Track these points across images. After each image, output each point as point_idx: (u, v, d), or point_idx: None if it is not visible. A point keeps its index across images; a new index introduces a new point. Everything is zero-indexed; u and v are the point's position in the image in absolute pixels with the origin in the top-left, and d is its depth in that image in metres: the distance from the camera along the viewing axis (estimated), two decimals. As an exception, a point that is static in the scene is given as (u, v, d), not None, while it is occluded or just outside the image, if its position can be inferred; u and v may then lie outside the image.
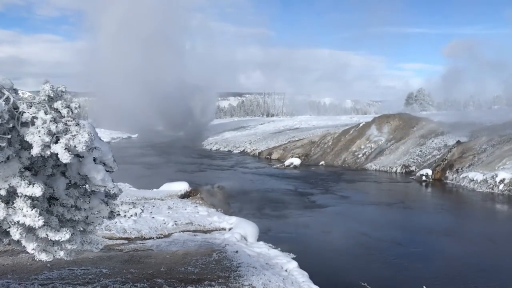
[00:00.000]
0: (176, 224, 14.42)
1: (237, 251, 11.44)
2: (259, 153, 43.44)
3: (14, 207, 4.42)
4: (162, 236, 13.30)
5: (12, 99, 4.35)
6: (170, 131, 71.51)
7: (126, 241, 12.40)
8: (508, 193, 22.90)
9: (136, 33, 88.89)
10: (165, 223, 14.40)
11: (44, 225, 4.52)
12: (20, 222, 4.42)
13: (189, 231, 13.94)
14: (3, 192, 4.39)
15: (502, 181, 23.70)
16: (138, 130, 73.17)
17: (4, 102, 4.23)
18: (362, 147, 37.33)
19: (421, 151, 33.01)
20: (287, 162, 36.19)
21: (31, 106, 4.43)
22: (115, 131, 70.79)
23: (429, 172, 28.58)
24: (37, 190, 4.34)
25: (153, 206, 16.32)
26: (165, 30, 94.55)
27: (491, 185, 24.03)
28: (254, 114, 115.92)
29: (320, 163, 37.06)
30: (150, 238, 12.93)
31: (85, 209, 5.17)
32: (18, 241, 4.82)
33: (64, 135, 4.34)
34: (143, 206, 15.51)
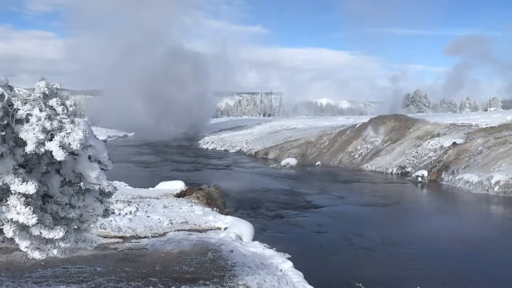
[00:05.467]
0: (171, 223, 14.39)
1: (232, 251, 11.44)
2: (256, 152, 43.40)
3: (8, 204, 4.40)
4: (157, 235, 13.26)
5: (6, 96, 4.33)
6: (166, 130, 71.46)
7: (121, 240, 12.36)
8: (503, 195, 23.00)
9: (131, 29, 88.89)
10: (160, 222, 14.37)
11: (37, 223, 4.50)
12: (13, 220, 4.40)
13: (184, 230, 13.91)
14: (-4, 189, 4.36)
15: (497, 183, 23.80)
16: (135, 129, 73.00)
17: (-2, 99, 4.21)
18: (358, 147, 37.39)
19: (417, 152, 33.08)
20: (283, 162, 36.20)
21: (25, 103, 4.40)
22: (111, 129, 70.72)
23: (425, 173, 28.67)
24: (30, 188, 4.32)
25: (149, 205, 16.28)
26: (161, 26, 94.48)
27: (486, 187, 24.14)
28: (251, 113, 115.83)
29: (316, 163, 37.09)
30: (145, 237, 12.89)
31: (79, 207, 5.15)
32: (12, 239, 4.79)
33: (59, 132, 4.32)
34: (138, 205, 15.53)
